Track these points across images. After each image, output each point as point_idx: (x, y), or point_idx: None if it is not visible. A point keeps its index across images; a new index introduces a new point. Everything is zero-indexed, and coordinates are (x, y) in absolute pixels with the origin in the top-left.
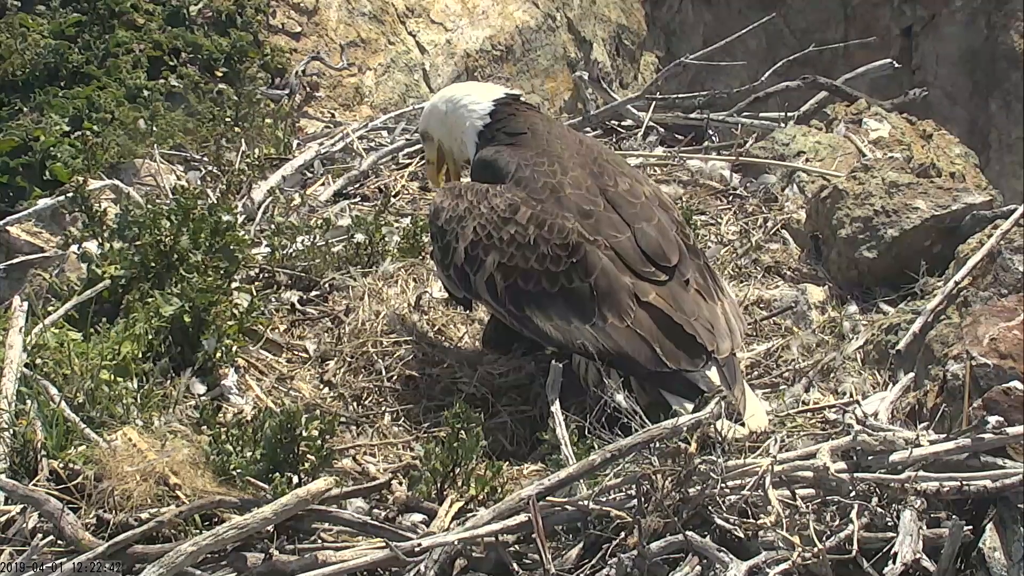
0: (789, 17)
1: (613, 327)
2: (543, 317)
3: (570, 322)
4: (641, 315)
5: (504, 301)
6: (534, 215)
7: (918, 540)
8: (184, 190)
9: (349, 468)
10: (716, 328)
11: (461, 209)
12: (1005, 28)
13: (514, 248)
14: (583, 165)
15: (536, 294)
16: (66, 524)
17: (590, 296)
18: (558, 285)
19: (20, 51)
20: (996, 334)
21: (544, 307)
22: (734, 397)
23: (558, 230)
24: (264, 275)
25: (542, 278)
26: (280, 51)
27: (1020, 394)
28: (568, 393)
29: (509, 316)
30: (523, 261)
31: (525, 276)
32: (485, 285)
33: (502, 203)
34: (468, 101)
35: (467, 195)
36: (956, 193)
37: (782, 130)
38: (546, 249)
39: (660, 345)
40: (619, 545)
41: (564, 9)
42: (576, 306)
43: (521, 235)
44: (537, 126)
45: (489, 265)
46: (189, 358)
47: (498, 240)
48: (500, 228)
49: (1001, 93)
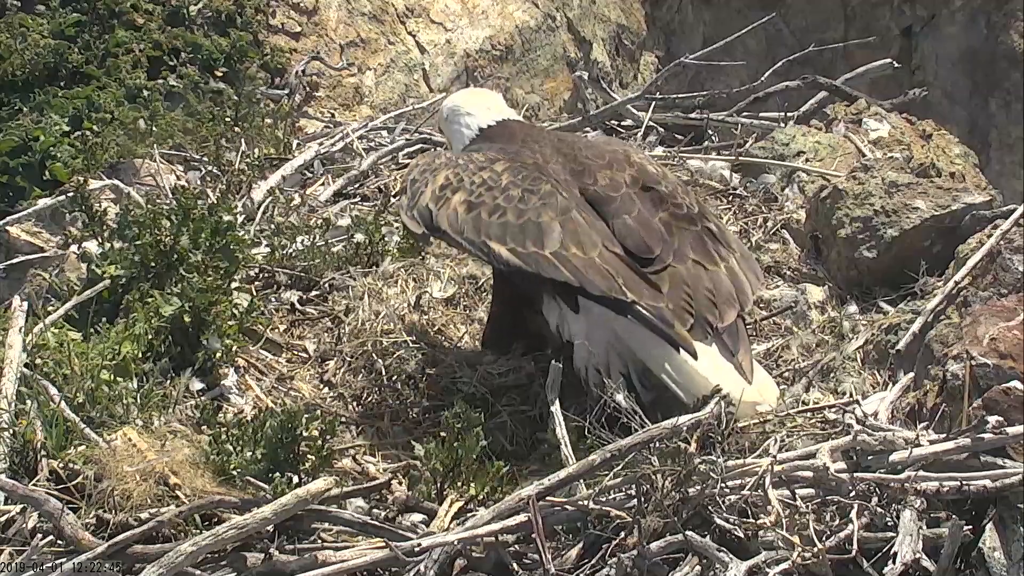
0: (789, 17)
1: (575, 255)
2: (500, 243)
3: (528, 248)
4: (607, 254)
5: (463, 230)
6: (510, 167)
7: (918, 540)
8: (184, 190)
9: (349, 468)
10: (718, 295)
11: (437, 163)
12: (1005, 28)
13: (483, 188)
14: (563, 164)
15: (499, 224)
16: (66, 524)
17: (557, 232)
18: (524, 218)
19: (20, 51)
20: (996, 334)
21: (503, 236)
22: (737, 362)
23: (533, 179)
24: (264, 275)
25: (507, 212)
26: (280, 51)
27: (1020, 394)
28: (568, 393)
29: (466, 244)
30: (490, 199)
31: (491, 210)
32: (446, 218)
33: (481, 156)
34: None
35: (445, 154)
36: (956, 193)
37: (782, 130)
38: (516, 192)
39: (623, 278)
40: (619, 545)
41: (564, 9)
42: (539, 237)
43: (493, 180)
44: (515, 131)
45: (455, 202)
46: (189, 358)
47: (468, 183)
48: (474, 174)
49: (1001, 93)
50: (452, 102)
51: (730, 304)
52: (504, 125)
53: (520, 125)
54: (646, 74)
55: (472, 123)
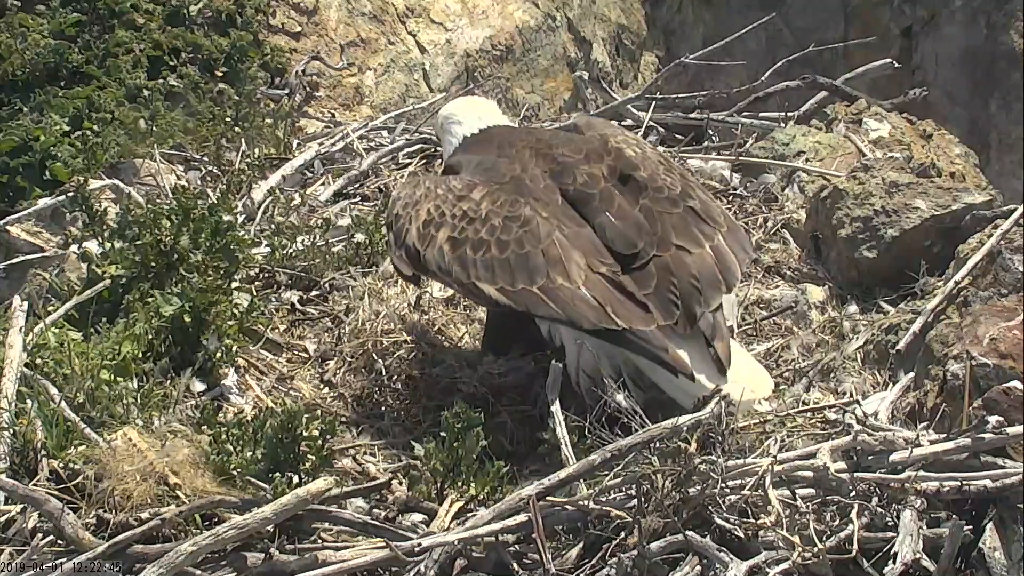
0: (789, 17)
1: (562, 288)
2: (489, 283)
3: (516, 286)
4: (594, 279)
5: (451, 271)
6: (488, 192)
7: (918, 540)
8: (184, 190)
9: (349, 468)
10: (703, 279)
11: (418, 195)
12: (1005, 28)
13: (465, 222)
14: (541, 167)
15: (484, 261)
16: (66, 524)
17: (541, 261)
18: (508, 251)
19: (20, 51)
20: (996, 334)
21: (491, 275)
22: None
23: (510, 204)
24: (264, 275)
25: (491, 246)
26: (280, 51)
27: (1020, 394)
28: (568, 393)
29: (456, 285)
30: (473, 233)
31: (474, 246)
32: (434, 259)
33: (459, 183)
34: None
35: (424, 182)
36: (956, 193)
37: (782, 130)
38: (497, 221)
39: (611, 305)
40: (619, 545)
41: (564, 9)
42: (525, 270)
43: (473, 211)
44: (494, 138)
45: (440, 240)
46: (189, 358)
47: (450, 216)
48: (454, 206)
49: (1001, 93)
50: (446, 110)
51: (715, 288)
52: (486, 133)
53: (501, 131)
54: (646, 74)
55: (458, 132)
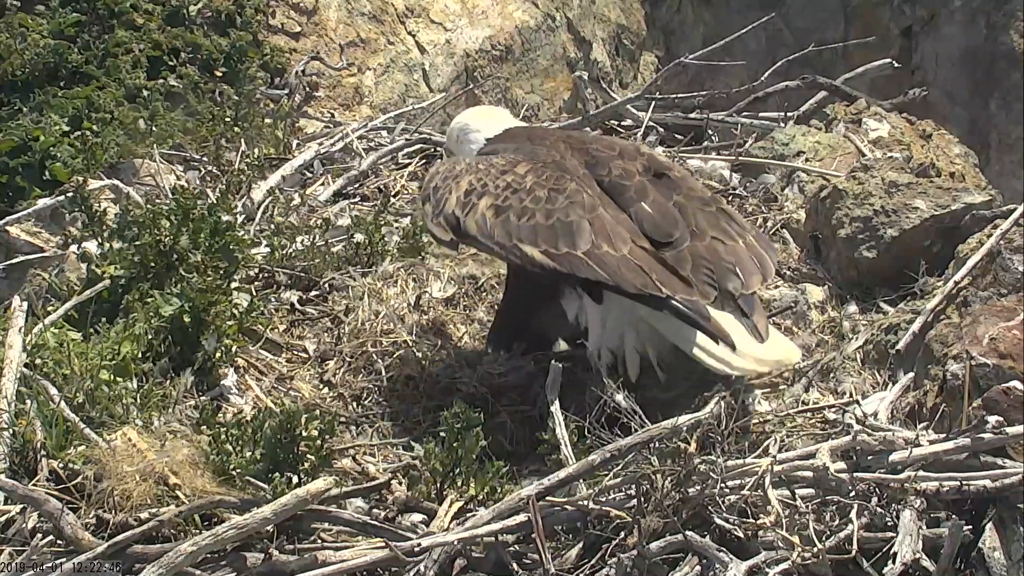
0: (789, 17)
1: (608, 254)
2: (532, 245)
3: (560, 249)
4: (638, 251)
5: (492, 234)
6: (533, 168)
7: (918, 540)
8: (184, 190)
9: (349, 468)
10: (741, 266)
11: (458, 170)
12: (1005, 28)
13: (509, 192)
14: (577, 158)
15: (528, 226)
16: (66, 524)
17: (587, 229)
18: (553, 219)
19: (20, 51)
20: (996, 334)
21: (535, 238)
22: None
23: (555, 178)
24: (264, 275)
25: (536, 214)
26: (280, 51)
27: (1020, 394)
28: (568, 393)
29: (497, 248)
30: (517, 202)
31: (518, 213)
32: (475, 223)
33: (501, 160)
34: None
35: (464, 160)
36: (956, 193)
37: (782, 130)
38: (542, 193)
39: (655, 273)
40: (619, 545)
41: (564, 9)
42: (570, 236)
43: (518, 183)
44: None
45: (482, 207)
46: (189, 358)
47: (493, 187)
48: (497, 178)
49: (1001, 93)
50: (459, 122)
51: (752, 273)
52: (509, 132)
53: (526, 130)
54: (646, 74)
55: (478, 137)
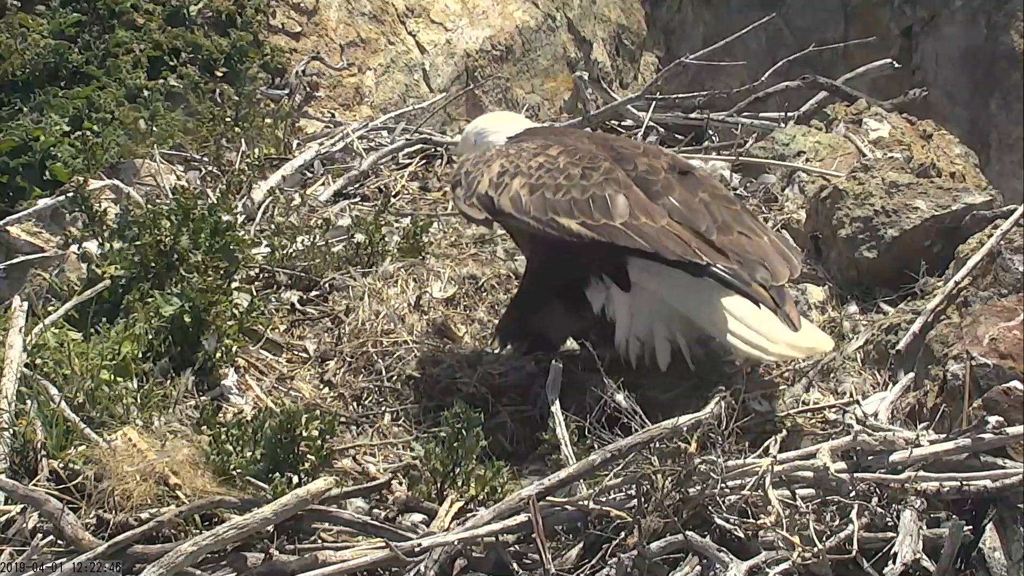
0: (789, 17)
1: (646, 224)
2: (569, 217)
3: (598, 220)
4: (674, 224)
5: (528, 210)
6: (564, 150)
7: (918, 540)
8: (184, 190)
9: (349, 468)
10: (768, 259)
11: (489, 155)
12: (1005, 28)
13: (542, 172)
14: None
15: (565, 201)
16: (66, 524)
17: (624, 202)
18: (589, 193)
19: (20, 51)
20: (996, 334)
21: (571, 210)
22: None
23: (589, 158)
24: (264, 275)
25: (571, 190)
26: (280, 51)
27: (1020, 394)
28: (568, 393)
29: (533, 223)
30: (551, 179)
31: (554, 190)
32: (510, 201)
33: (532, 144)
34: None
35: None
36: (956, 193)
37: (782, 130)
38: (576, 171)
39: (694, 243)
40: (619, 545)
41: (564, 9)
42: (607, 208)
43: (551, 163)
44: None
45: (515, 185)
46: (189, 358)
47: (526, 168)
48: (529, 160)
49: (1001, 93)
50: (475, 126)
51: (782, 266)
52: (530, 131)
53: (546, 127)
54: (646, 74)
55: (497, 139)
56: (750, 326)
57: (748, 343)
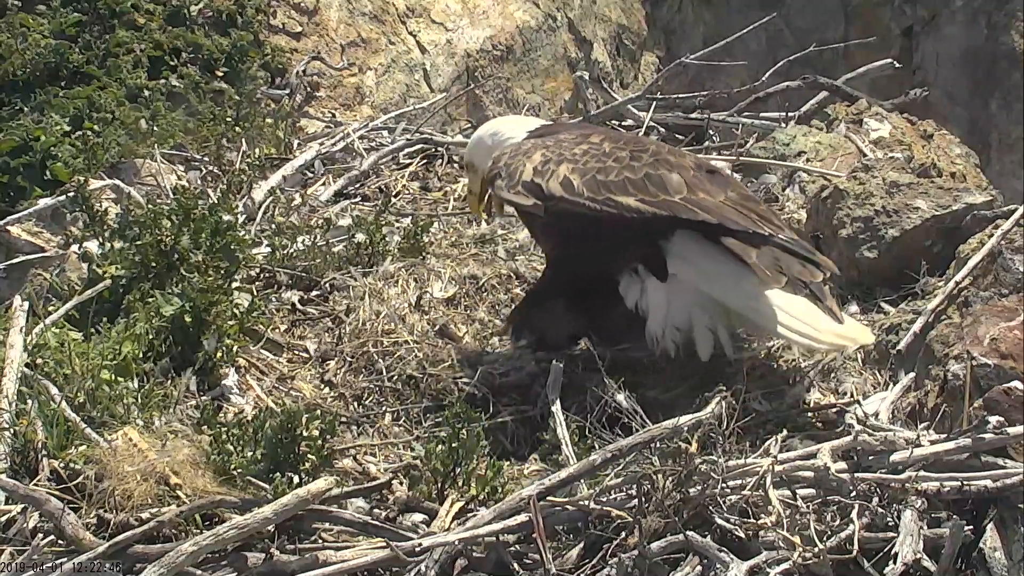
0: (789, 17)
1: (705, 199)
2: (625, 196)
3: (656, 196)
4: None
5: (581, 192)
6: (607, 137)
7: (919, 540)
8: (185, 190)
9: (350, 468)
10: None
11: (528, 146)
12: (1005, 28)
13: (588, 157)
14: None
15: (618, 181)
16: (67, 524)
17: (679, 180)
18: (641, 173)
19: (20, 51)
20: (997, 334)
21: (627, 189)
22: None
23: (634, 143)
24: (265, 275)
25: (623, 171)
26: (280, 51)
27: (1020, 394)
28: (568, 393)
29: (588, 203)
30: (598, 163)
31: (605, 172)
32: (560, 185)
33: (571, 135)
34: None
35: (530, 141)
36: (957, 193)
37: (783, 130)
38: (623, 154)
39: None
40: (620, 545)
41: (564, 9)
42: (663, 185)
43: (596, 149)
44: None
45: (563, 171)
46: (189, 358)
47: (571, 155)
48: (571, 148)
49: (1001, 93)
50: (489, 129)
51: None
52: (547, 126)
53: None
54: (647, 74)
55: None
56: (798, 317)
57: (798, 332)
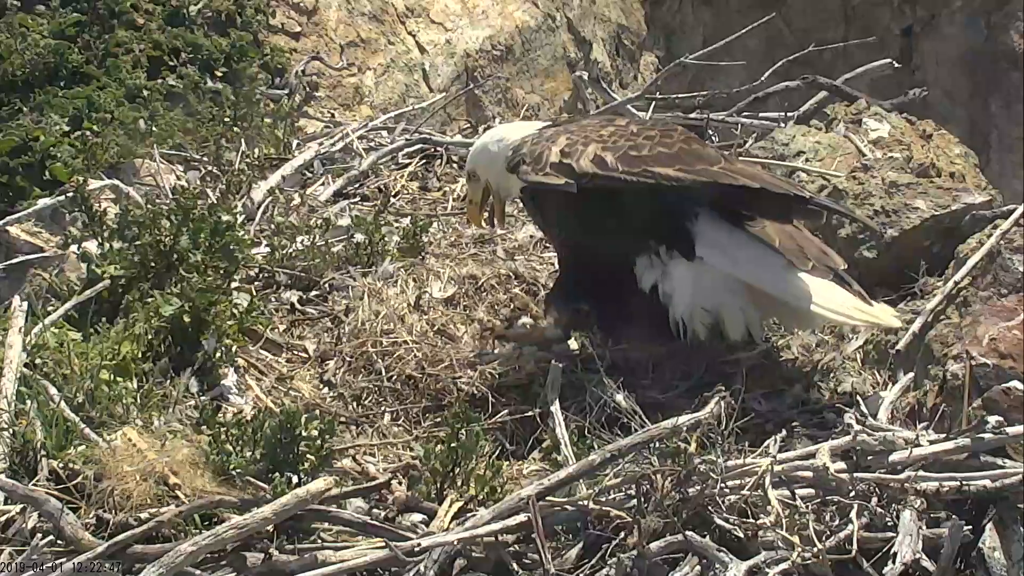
0: (789, 17)
1: (742, 169)
2: (662, 167)
3: (694, 165)
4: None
5: (616, 167)
6: (631, 121)
7: (918, 540)
8: (184, 190)
9: (349, 468)
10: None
11: (550, 133)
12: (1005, 28)
13: (617, 136)
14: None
15: (653, 155)
16: (66, 524)
17: (713, 153)
18: (675, 148)
19: (20, 51)
20: (996, 334)
21: (663, 160)
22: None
23: (661, 124)
24: (264, 275)
25: (657, 146)
26: (280, 51)
27: (1020, 394)
28: (568, 393)
29: (624, 176)
30: (627, 143)
31: (637, 148)
32: (592, 164)
33: (594, 119)
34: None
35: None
36: (956, 193)
37: (782, 130)
38: (652, 133)
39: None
40: (619, 545)
41: (564, 9)
42: (698, 156)
43: (622, 131)
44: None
45: (592, 150)
46: (189, 358)
47: (597, 136)
48: (597, 131)
49: (1001, 93)
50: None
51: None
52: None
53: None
54: (646, 74)
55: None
56: (830, 297)
57: (834, 311)
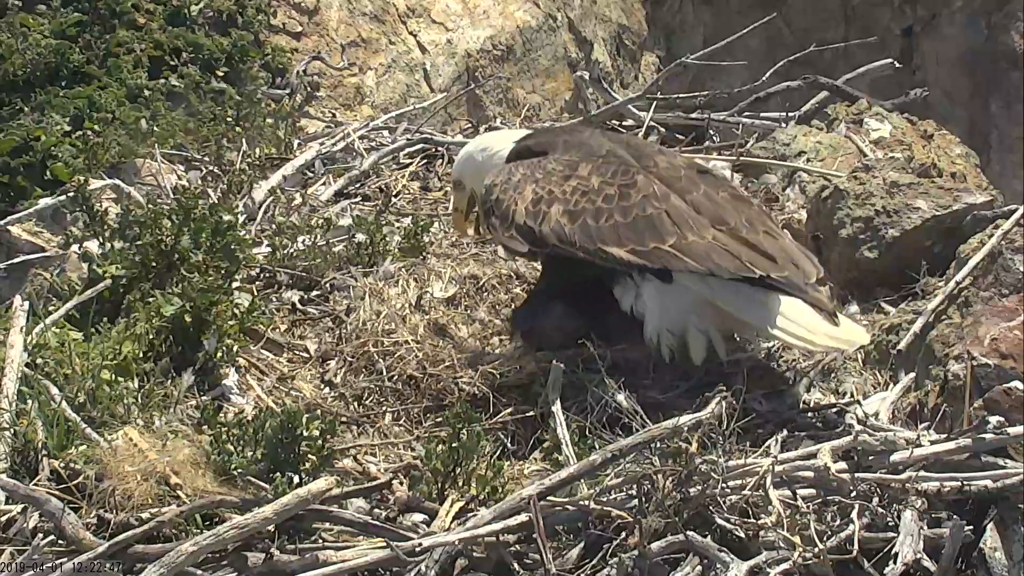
0: (789, 17)
1: (695, 243)
2: (617, 245)
3: (647, 245)
4: (720, 235)
5: (574, 241)
6: (595, 167)
7: (919, 540)
8: (185, 190)
9: (350, 468)
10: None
11: (516, 179)
12: (1005, 28)
13: (579, 196)
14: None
15: (609, 228)
16: (67, 524)
17: (669, 221)
18: (631, 215)
19: (21, 51)
20: (997, 334)
21: (618, 238)
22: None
23: (622, 173)
24: (265, 275)
25: (614, 214)
26: (281, 51)
27: (1021, 394)
28: (569, 393)
29: (580, 253)
30: (589, 204)
31: (595, 215)
32: (552, 232)
33: (558, 165)
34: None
35: (519, 168)
36: (957, 193)
37: (783, 130)
38: (612, 191)
39: (744, 254)
40: (620, 545)
41: (565, 9)
42: (653, 230)
43: (585, 185)
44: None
45: (554, 214)
46: (190, 358)
47: (560, 193)
48: (561, 184)
49: (1001, 93)
50: (478, 145)
51: (809, 264)
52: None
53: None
54: (647, 74)
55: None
56: (793, 320)
57: (793, 335)
